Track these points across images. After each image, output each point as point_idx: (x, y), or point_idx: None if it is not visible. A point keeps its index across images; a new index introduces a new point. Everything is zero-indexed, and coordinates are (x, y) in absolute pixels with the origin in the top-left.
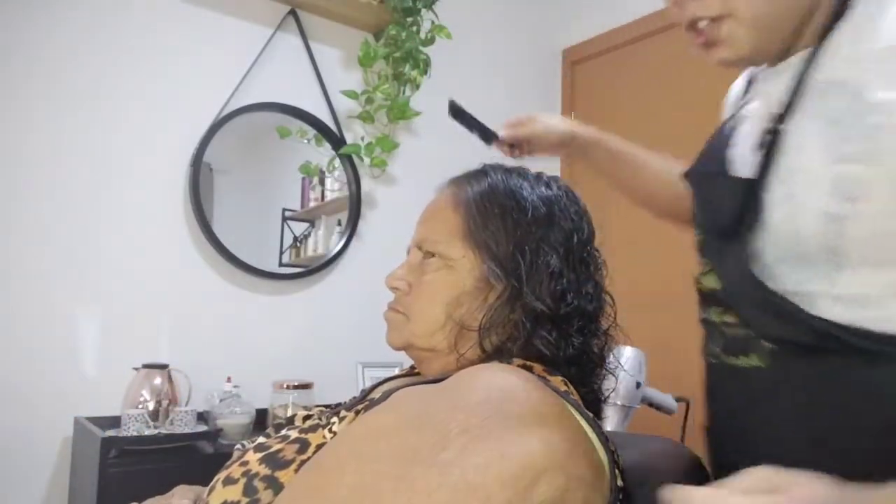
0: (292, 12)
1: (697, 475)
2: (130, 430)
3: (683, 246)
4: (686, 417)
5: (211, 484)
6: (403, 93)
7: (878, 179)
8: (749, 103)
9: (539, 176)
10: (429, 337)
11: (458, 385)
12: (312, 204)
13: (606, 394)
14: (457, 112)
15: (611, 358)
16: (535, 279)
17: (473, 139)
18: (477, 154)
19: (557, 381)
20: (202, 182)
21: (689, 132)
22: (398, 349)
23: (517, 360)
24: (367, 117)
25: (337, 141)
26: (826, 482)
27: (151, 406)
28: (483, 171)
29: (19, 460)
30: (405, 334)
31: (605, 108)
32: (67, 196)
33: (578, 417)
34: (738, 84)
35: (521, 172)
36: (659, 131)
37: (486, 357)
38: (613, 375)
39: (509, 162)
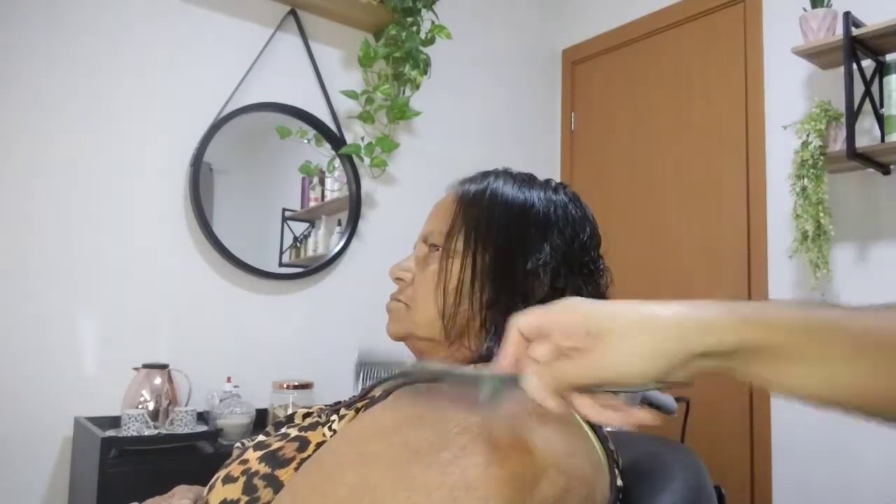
0: (292, 12)
1: (697, 476)
2: (130, 430)
3: (684, 247)
4: (686, 417)
5: (211, 482)
6: (403, 93)
7: None
8: None
9: (547, 182)
10: (428, 326)
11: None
12: (312, 204)
13: None
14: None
15: None
16: (532, 277)
17: (473, 140)
18: (476, 155)
19: None
20: (202, 182)
21: (690, 132)
22: (398, 339)
23: None
24: (367, 117)
25: (337, 141)
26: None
27: (151, 406)
28: (490, 172)
29: (19, 460)
30: (406, 323)
31: (605, 108)
32: (67, 196)
33: (578, 417)
34: None
35: (528, 177)
36: (659, 131)
37: (486, 351)
38: None
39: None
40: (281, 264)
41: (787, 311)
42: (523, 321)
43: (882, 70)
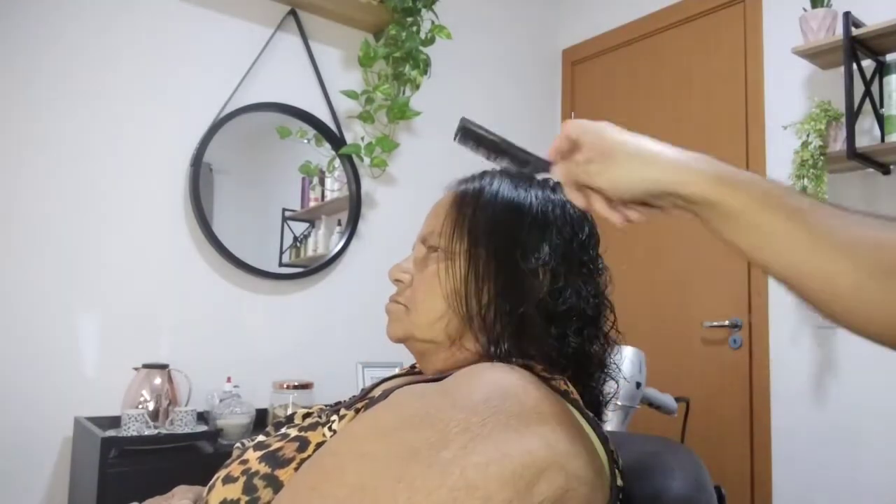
0: (292, 12)
1: (697, 476)
2: (130, 430)
3: (683, 247)
4: (686, 417)
5: (210, 482)
6: (403, 93)
7: None
8: None
9: (545, 181)
10: (428, 327)
11: (458, 384)
12: (312, 204)
13: (607, 397)
14: (471, 135)
15: (612, 362)
16: (531, 277)
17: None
18: (476, 155)
19: (558, 380)
20: (202, 182)
21: (690, 132)
22: (398, 341)
23: (518, 360)
24: (367, 117)
25: (337, 141)
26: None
27: (151, 406)
28: (488, 172)
29: (19, 460)
30: (405, 325)
31: (605, 108)
32: (68, 196)
33: (578, 417)
34: None
35: (526, 176)
36: (659, 131)
37: (486, 351)
38: (614, 380)
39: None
40: (281, 264)
41: (752, 182)
42: (570, 128)
43: (882, 70)
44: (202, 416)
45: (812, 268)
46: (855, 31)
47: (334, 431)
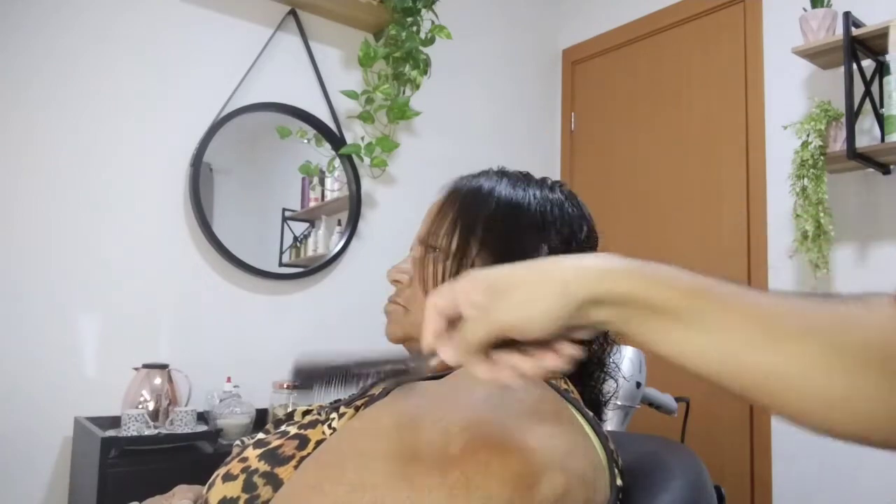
0: (292, 12)
1: (697, 476)
2: (130, 430)
3: (683, 248)
4: (686, 417)
5: (210, 480)
6: (403, 93)
7: None
8: None
9: (543, 180)
10: None
11: (458, 383)
12: (312, 204)
13: (607, 396)
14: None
15: (611, 362)
16: None
17: (473, 140)
18: (476, 155)
19: (557, 379)
20: (202, 182)
21: (690, 132)
22: (397, 342)
23: None
24: (367, 117)
25: (337, 141)
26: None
27: (151, 406)
28: (486, 172)
29: (19, 460)
30: (404, 326)
31: (605, 108)
32: (68, 196)
33: (578, 416)
34: None
35: (524, 176)
36: (659, 131)
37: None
38: (614, 379)
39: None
40: (281, 264)
41: (679, 275)
42: (436, 299)
43: (882, 70)
44: (202, 416)
45: (769, 360)
46: (855, 31)
47: (334, 429)
